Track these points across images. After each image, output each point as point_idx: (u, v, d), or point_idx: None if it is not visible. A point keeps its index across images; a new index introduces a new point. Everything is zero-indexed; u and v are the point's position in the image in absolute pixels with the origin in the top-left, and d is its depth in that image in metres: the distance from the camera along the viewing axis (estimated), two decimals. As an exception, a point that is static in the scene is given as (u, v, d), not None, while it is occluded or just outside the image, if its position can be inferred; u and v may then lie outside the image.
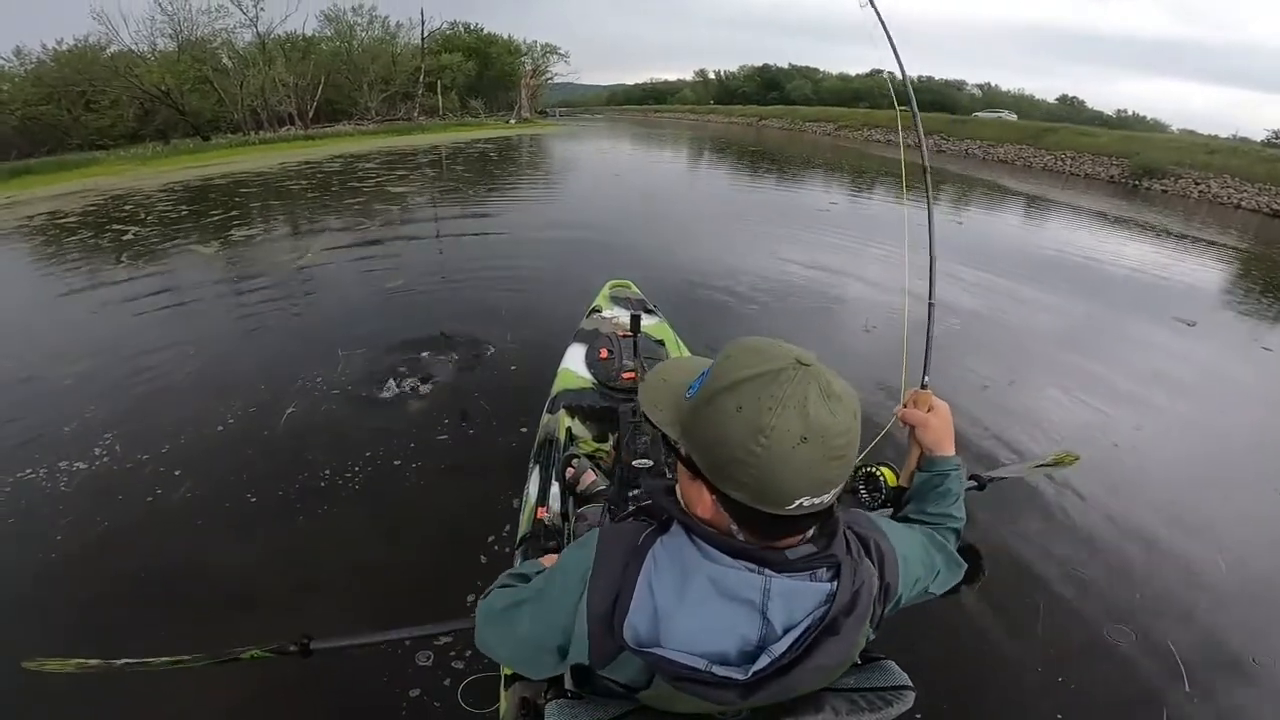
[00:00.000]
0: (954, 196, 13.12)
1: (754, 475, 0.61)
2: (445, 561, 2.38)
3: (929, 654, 2.00)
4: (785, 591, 0.66)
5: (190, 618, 2.12)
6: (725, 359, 0.67)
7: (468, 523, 2.55)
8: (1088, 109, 53.29)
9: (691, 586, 0.66)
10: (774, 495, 0.62)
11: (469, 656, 1.92)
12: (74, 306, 5.25)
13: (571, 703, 0.80)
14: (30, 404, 3.54)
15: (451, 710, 1.79)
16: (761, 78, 67.12)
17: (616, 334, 2.73)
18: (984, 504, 2.80)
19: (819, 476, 0.62)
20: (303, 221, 8.70)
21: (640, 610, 0.66)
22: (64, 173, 14.42)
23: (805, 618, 0.66)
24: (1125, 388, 4.19)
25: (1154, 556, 2.63)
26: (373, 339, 4.29)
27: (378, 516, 2.64)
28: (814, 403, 0.60)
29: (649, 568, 0.68)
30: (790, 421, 0.60)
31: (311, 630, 1.12)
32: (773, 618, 0.65)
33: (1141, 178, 18.38)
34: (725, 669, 0.64)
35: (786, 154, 21.47)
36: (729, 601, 0.65)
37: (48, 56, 24.60)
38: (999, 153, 23.92)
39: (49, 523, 2.57)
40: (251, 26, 26.18)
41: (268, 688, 1.84)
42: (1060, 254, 8.04)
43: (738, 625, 0.65)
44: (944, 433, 1.05)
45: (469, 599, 2.13)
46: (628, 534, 0.74)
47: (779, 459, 0.60)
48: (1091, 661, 2.13)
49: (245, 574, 2.33)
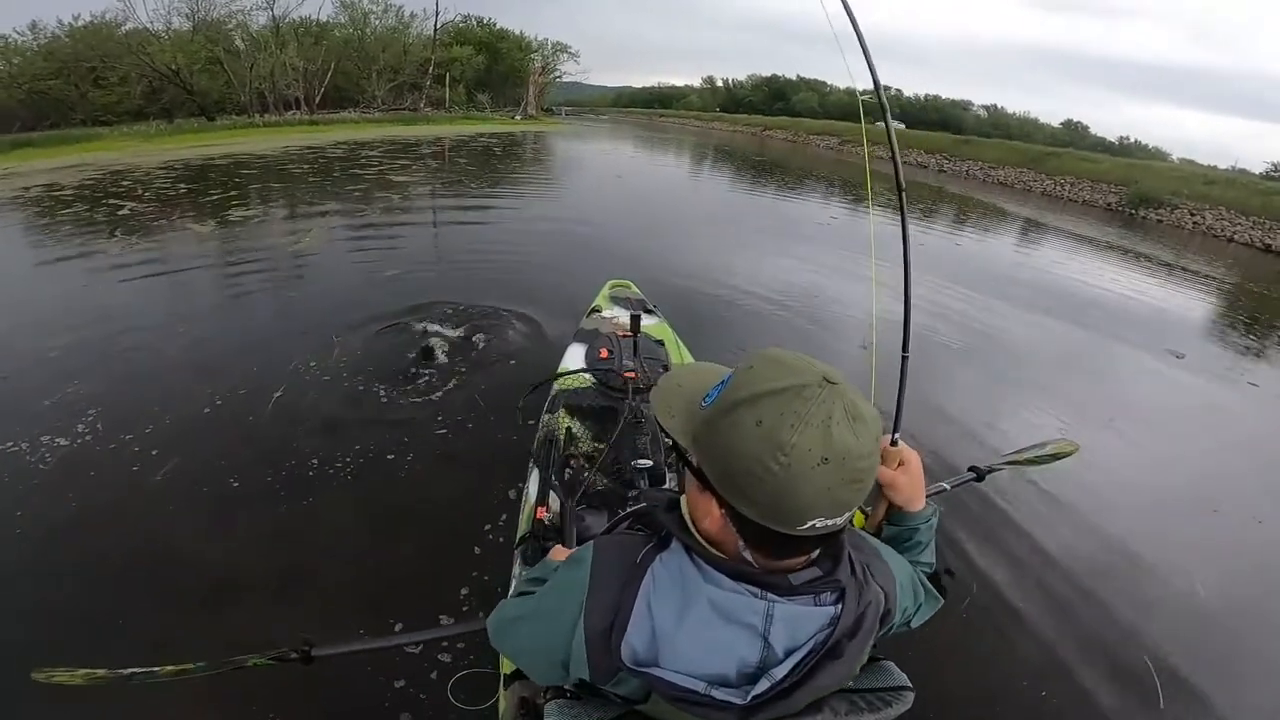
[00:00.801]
0: (952, 217, 13.23)
1: (769, 493, 0.59)
2: (443, 561, 2.34)
3: (929, 654, 2.01)
4: (788, 616, 0.65)
5: (175, 611, 2.09)
6: (747, 369, 0.64)
7: (467, 522, 2.52)
8: (1091, 135, 53.68)
9: (692, 609, 0.64)
10: (788, 515, 0.60)
11: (470, 659, 1.90)
12: (63, 279, 5.25)
13: (571, 703, 0.80)
14: (12, 376, 3.53)
15: (451, 712, 1.76)
16: (769, 88, 67.42)
17: (616, 334, 2.73)
18: (975, 522, 2.86)
19: (837, 499, 0.59)
20: (302, 205, 8.70)
21: (638, 630, 0.65)
22: (65, 146, 14.38)
23: (808, 641, 0.65)
24: (1114, 416, 4.23)
25: (1135, 580, 2.69)
26: (366, 325, 4.28)
27: (374, 514, 2.60)
28: (838, 423, 0.58)
29: (648, 586, 0.66)
30: (812, 441, 0.57)
31: (311, 637, 1.13)
32: (774, 641, 0.64)
33: (1138, 206, 18.52)
34: (724, 692, 0.63)
35: (789, 166, 21.57)
36: (730, 625, 0.64)
37: (63, 32, 24.51)
38: (999, 175, 24.07)
39: (23, 502, 2.53)
40: (268, 9, 26.19)
41: (270, 694, 1.81)
42: (1053, 279, 8.12)
43: (738, 648, 0.64)
44: (914, 490, 1.00)
45: (465, 597, 2.13)
46: (625, 549, 0.72)
47: (798, 478, 0.58)
48: (1069, 677, 2.17)
49: (230, 566, 2.28)
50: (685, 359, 2.61)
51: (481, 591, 2.19)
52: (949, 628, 2.25)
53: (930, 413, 3.81)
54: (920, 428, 3.58)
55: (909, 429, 3.86)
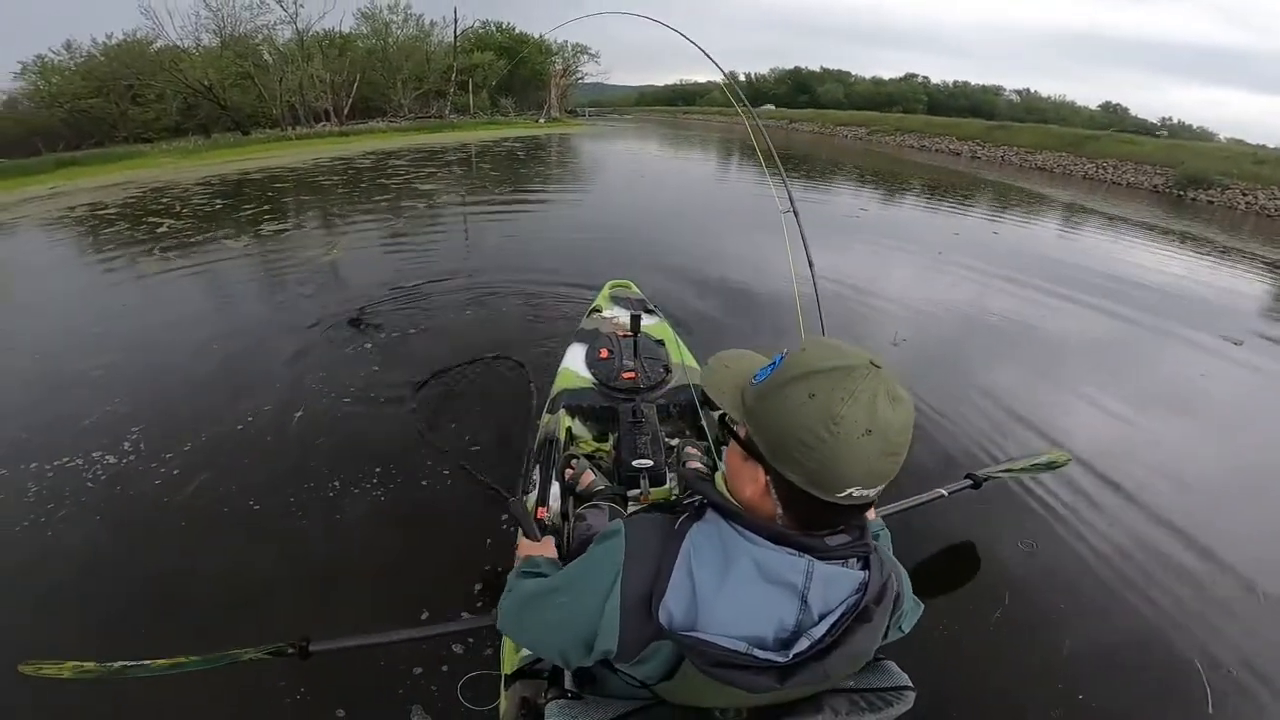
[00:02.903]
0: (988, 204, 12.79)
1: (818, 459, 0.65)
2: (443, 562, 2.35)
3: (929, 654, 1.96)
4: (825, 577, 0.69)
5: (195, 617, 2.11)
6: (801, 352, 0.70)
7: (466, 522, 2.53)
8: (1132, 116, 51.71)
9: (734, 568, 0.68)
10: (830, 480, 0.65)
11: (468, 658, 1.91)
12: (106, 298, 5.37)
13: (571, 703, 0.81)
14: (62, 394, 3.60)
15: (450, 710, 1.77)
16: (792, 80, 66.69)
17: (616, 334, 2.74)
18: (995, 504, 2.74)
19: (875, 469, 0.65)
20: (331, 217, 8.81)
21: (677, 594, 0.68)
22: (108, 165, 14.87)
23: (840, 604, 0.69)
24: (1167, 402, 4.03)
25: (1185, 576, 2.51)
26: (383, 334, 4.32)
27: (373, 515, 2.62)
28: (881, 400, 0.64)
29: (688, 550, 0.70)
30: (859, 413, 0.64)
31: (309, 633, 1.10)
32: (811, 602, 0.68)
33: (1186, 188, 17.73)
34: (765, 653, 0.66)
35: (816, 158, 21.20)
36: (771, 585, 0.68)
37: (97, 50, 25.46)
38: (1037, 160, 23.33)
39: (62, 517, 2.59)
40: (291, 23, 26.82)
41: (266, 689, 1.82)
42: (1099, 263, 7.74)
43: (778, 609, 0.68)
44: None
45: (465, 596, 2.14)
46: (659, 522, 0.76)
47: (845, 445, 0.64)
48: (1109, 677, 2.03)
49: (238, 569, 2.33)
50: (686, 359, 2.57)
51: (481, 591, 2.19)
52: (955, 628, 2.15)
53: (974, 402, 3.72)
54: (964, 416, 3.53)
55: (949, 416, 3.66)
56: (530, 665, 1.30)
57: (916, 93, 59.07)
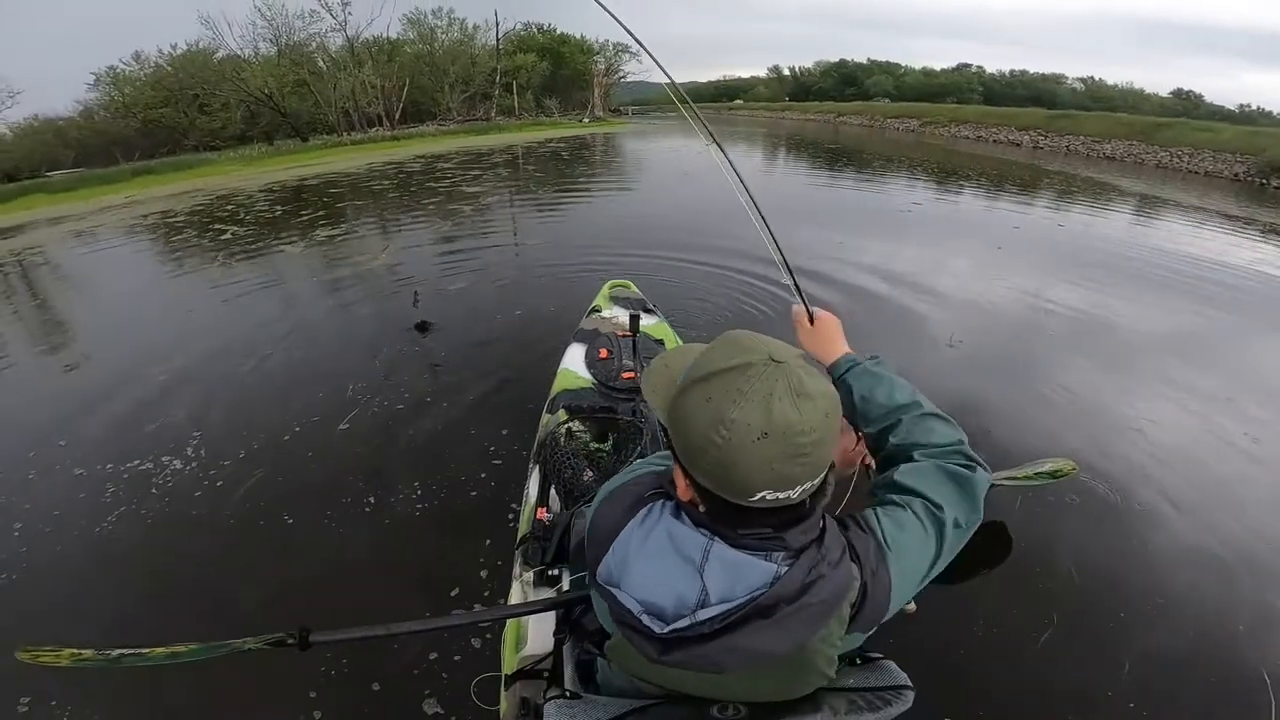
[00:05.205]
0: (1052, 196, 12.15)
1: (714, 464, 0.62)
2: (443, 561, 2.38)
3: (929, 654, 1.93)
4: (726, 560, 0.66)
5: (237, 613, 2.19)
6: (709, 350, 0.68)
7: (466, 522, 2.55)
8: (1206, 104, 48.43)
9: (652, 537, 0.70)
10: (734, 485, 0.63)
11: (467, 653, 1.94)
12: (171, 304, 5.65)
13: (570, 702, 0.81)
14: (128, 398, 3.77)
15: (451, 706, 1.79)
16: (839, 73, 65.01)
17: (616, 334, 2.75)
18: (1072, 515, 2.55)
19: (780, 473, 0.61)
20: (384, 221, 9.06)
21: (616, 553, 0.71)
22: (179, 173, 15.71)
23: (745, 594, 0.65)
24: (1241, 400, 3.76)
25: (1253, 581, 2.35)
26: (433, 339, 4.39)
27: (374, 514, 2.66)
28: (779, 399, 0.60)
29: (639, 516, 0.73)
30: (751, 415, 0.60)
31: (308, 623, 1.08)
32: (709, 583, 0.66)
33: (1270, 175, 16.49)
34: (650, 620, 0.66)
35: (866, 152, 20.60)
36: (674, 556, 0.67)
37: (164, 61, 26.90)
38: (1105, 149, 22.09)
39: (118, 517, 2.71)
40: (341, 30, 27.73)
41: (265, 680, 1.87)
42: (1173, 255, 7.22)
43: (678, 583, 0.67)
44: (819, 345, 1.08)
45: (465, 596, 2.18)
46: (645, 485, 0.79)
47: (738, 451, 0.60)
48: (1170, 686, 1.93)
49: (236, 564, 2.42)
50: None
51: (482, 591, 2.20)
52: (963, 628, 2.09)
53: (1044, 398, 3.64)
54: (1033, 413, 3.49)
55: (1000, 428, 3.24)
56: (530, 665, 1.30)
57: (971, 83, 56.77)
